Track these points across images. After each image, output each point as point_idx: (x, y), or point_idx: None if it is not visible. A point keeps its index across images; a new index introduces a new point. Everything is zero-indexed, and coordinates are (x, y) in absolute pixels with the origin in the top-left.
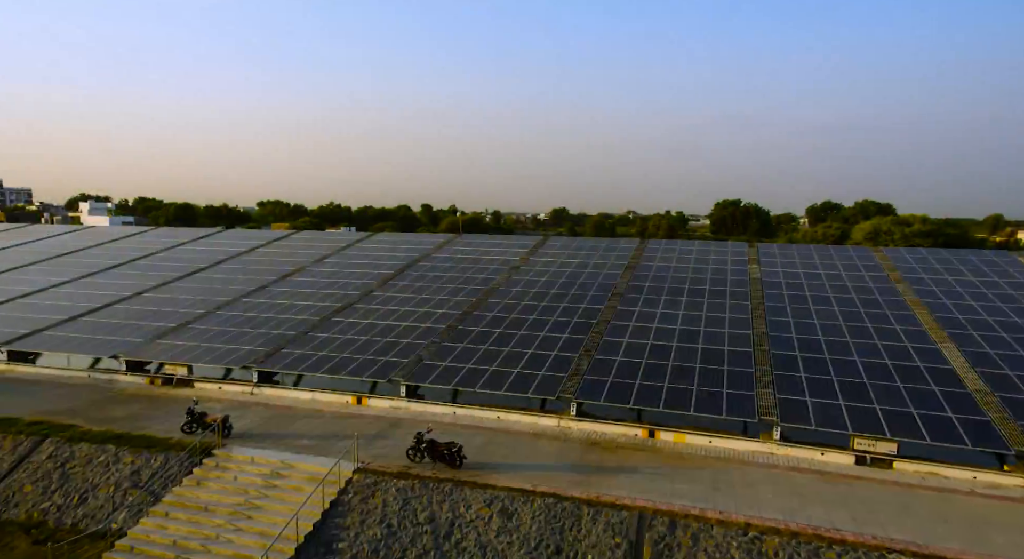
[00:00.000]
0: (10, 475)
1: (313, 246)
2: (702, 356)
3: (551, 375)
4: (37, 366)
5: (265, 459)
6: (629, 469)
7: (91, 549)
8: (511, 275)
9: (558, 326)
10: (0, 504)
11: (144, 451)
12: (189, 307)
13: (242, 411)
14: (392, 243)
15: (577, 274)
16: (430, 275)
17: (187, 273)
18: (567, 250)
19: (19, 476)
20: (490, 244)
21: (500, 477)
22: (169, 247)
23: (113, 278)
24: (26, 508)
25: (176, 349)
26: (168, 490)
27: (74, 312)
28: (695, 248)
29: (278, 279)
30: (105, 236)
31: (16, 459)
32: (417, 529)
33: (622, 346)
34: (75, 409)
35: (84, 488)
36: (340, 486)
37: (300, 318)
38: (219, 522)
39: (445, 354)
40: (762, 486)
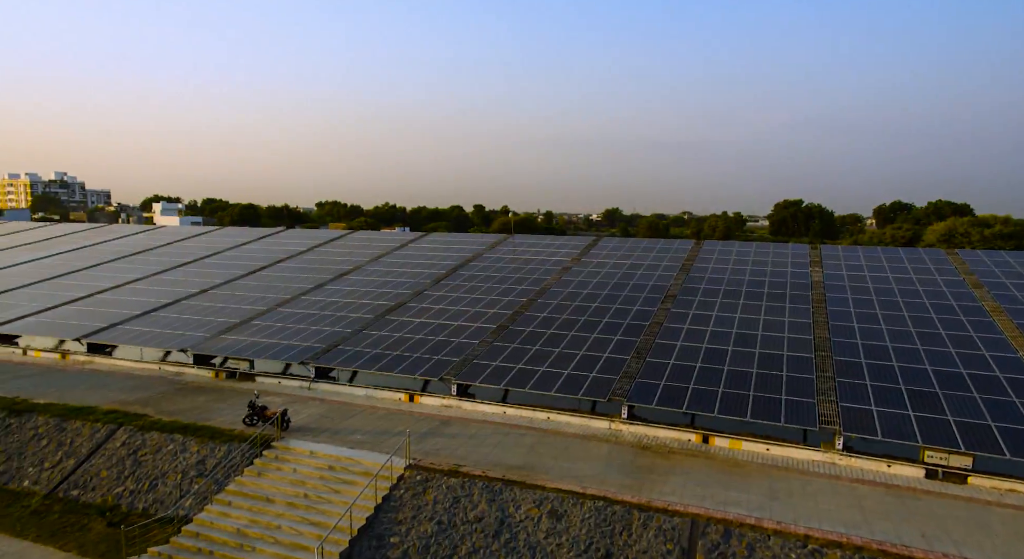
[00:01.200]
0: (88, 460)
1: (368, 246)
2: (759, 361)
3: (602, 377)
4: (113, 358)
5: (322, 453)
6: (682, 474)
7: (160, 533)
8: (562, 275)
9: (610, 328)
10: (79, 487)
11: (209, 441)
12: (251, 304)
13: (300, 405)
14: (445, 243)
15: (630, 275)
16: (482, 275)
17: (250, 271)
18: (620, 251)
19: (96, 462)
20: (542, 244)
21: (549, 478)
22: (234, 246)
23: (182, 275)
24: (101, 492)
25: (239, 344)
26: (231, 479)
27: (147, 307)
28: (753, 249)
29: (335, 278)
30: (175, 235)
31: (94, 446)
32: (467, 527)
33: (675, 349)
34: (146, 400)
35: (154, 475)
36: (392, 482)
37: (355, 316)
38: (278, 512)
39: (496, 354)
40: (823, 497)
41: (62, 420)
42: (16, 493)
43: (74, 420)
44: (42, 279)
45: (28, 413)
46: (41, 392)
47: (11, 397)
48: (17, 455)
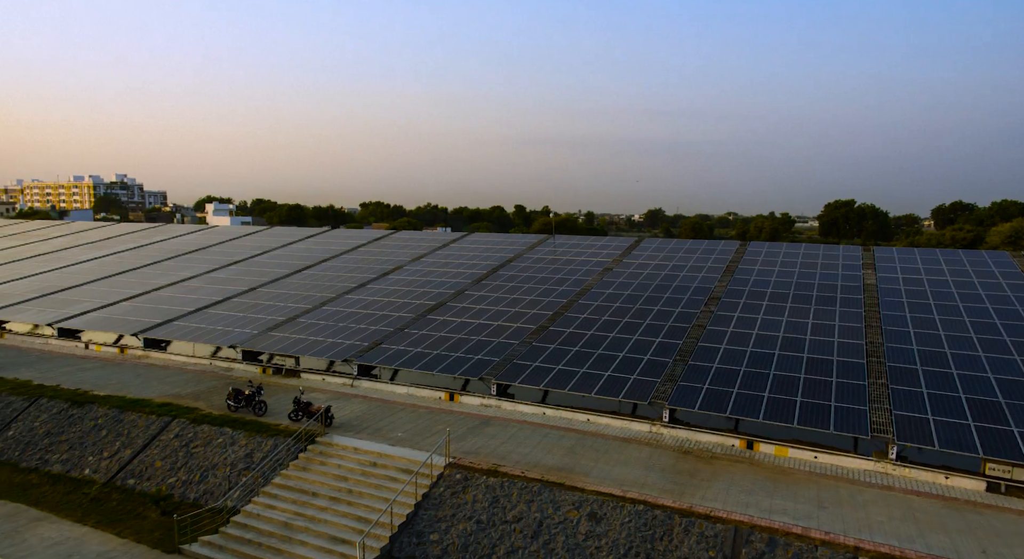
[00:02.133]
0: (144, 450)
1: (410, 246)
2: (807, 366)
3: (643, 380)
4: (167, 353)
5: (364, 449)
6: (725, 480)
7: (210, 523)
8: (603, 276)
9: (651, 330)
10: (135, 477)
11: (256, 435)
12: (297, 302)
13: (343, 402)
14: (486, 243)
15: (672, 277)
16: (522, 275)
17: (296, 270)
18: (662, 252)
19: (151, 452)
20: (583, 245)
21: (589, 480)
22: (281, 245)
23: (233, 273)
24: (156, 482)
25: (285, 341)
26: (277, 473)
27: (199, 304)
28: (801, 251)
29: (377, 277)
30: (226, 235)
31: (149, 437)
32: (506, 527)
33: (719, 352)
34: (198, 394)
35: (204, 466)
36: (432, 480)
37: (397, 315)
38: (322, 506)
39: (536, 354)
40: (874, 508)
41: (120, 412)
42: (78, 481)
43: (131, 412)
44: (103, 277)
45: (89, 404)
46: (101, 385)
47: (74, 389)
48: (79, 444)
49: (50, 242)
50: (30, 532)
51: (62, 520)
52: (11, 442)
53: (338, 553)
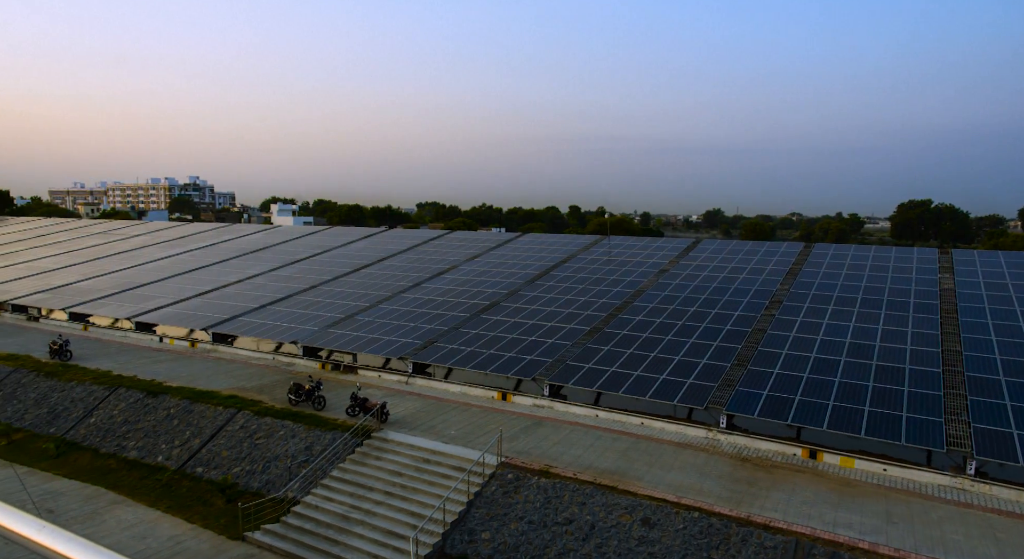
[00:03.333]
0: (212, 440)
1: (465, 245)
2: (877, 374)
3: (700, 384)
4: (234, 347)
5: (418, 446)
6: (785, 490)
7: (271, 512)
8: (659, 278)
9: (708, 333)
10: (203, 465)
11: (315, 429)
12: (355, 300)
13: (398, 399)
14: (540, 244)
15: (731, 279)
16: (576, 276)
17: (354, 269)
18: (721, 253)
19: (218, 442)
20: (638, 246)
21: (642, 485)
22: (340, 245)
23: (295, 271)
24: (222, 470)
25: (343, 338)
26: (334, 466)
27: (263, 301)
28: (871, 254)
29: (432, 276)
30: (289, 234)
31: (216, 427)
32: (557, 528)
33: (780, 358)
34: (261, 387)
35: (267, 457)
36: (484, 478)
37: (451, 314)
38: (377, 500)
39: (589, 356)
40: (949, 525)
41: (190, 403)
42: (152, 467)
43: (200, 403)
44: (176, 274)
45: (162, 395)
46: (173, 376)
47: (149, 380)
48: (153, 433)
49: (129, 241)
50: (108, 514)
51: (137, 504)
52: (93, 428)
53: (392, 547)
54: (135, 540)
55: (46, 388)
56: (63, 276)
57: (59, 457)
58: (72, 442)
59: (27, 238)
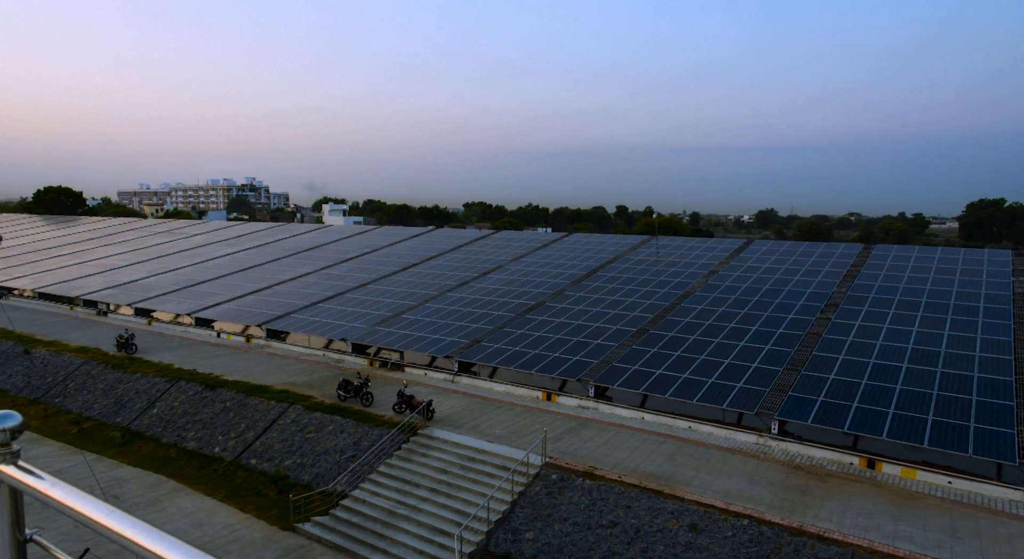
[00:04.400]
0: (265, 433)
1: (511, 245)
2: (941, 382)
3: (750, 388)
4: (286, 343)
5: (463, 444)
6: (841, 500)
7: (321, 505)
8: (708, 279)
9: (760, 336)
10: (257, 457)
11: (363, 425)
12: (403, 299)
13: (443, 397)
14: (586, 244)
15: (784, 281)
16: (623, 277)
17: (402, 268)
18: (773, 255)
19: (271, 435)
20: (687, 247)
21: (689, 490)
22: (388, 244)
23: (345, 270)
24: (274, 463)
25: (391, 336)
26: (381, 461)
27: (314, 299)
28: (937, 256)
29: (478, 276)
30: (340, 233)
31: (269, 421)
32: (602, 531)
33: (837, 363)
34: (311, 383)
35: (317, 451)
36: (529, 478)
37: (497, 314)
38: (422, 496)
39: (635, 357)
40: (1021, 543)
41: (245, 396)
42: (209, 457)
43: (254, 397)
44: (233, 271)
45: (219, 388)
46: (229, 370)
47: (207, 373)
48: (210, 424)
49: (190, 240)
50: (169, 502)
51: (195, 492)
52: (155, 419)
53: (437, 543)
54: (193, 528)
55: (113, 379)
56: (130, 273)
57: (124, 445)
58: (136, 431)
59: (98, 237)
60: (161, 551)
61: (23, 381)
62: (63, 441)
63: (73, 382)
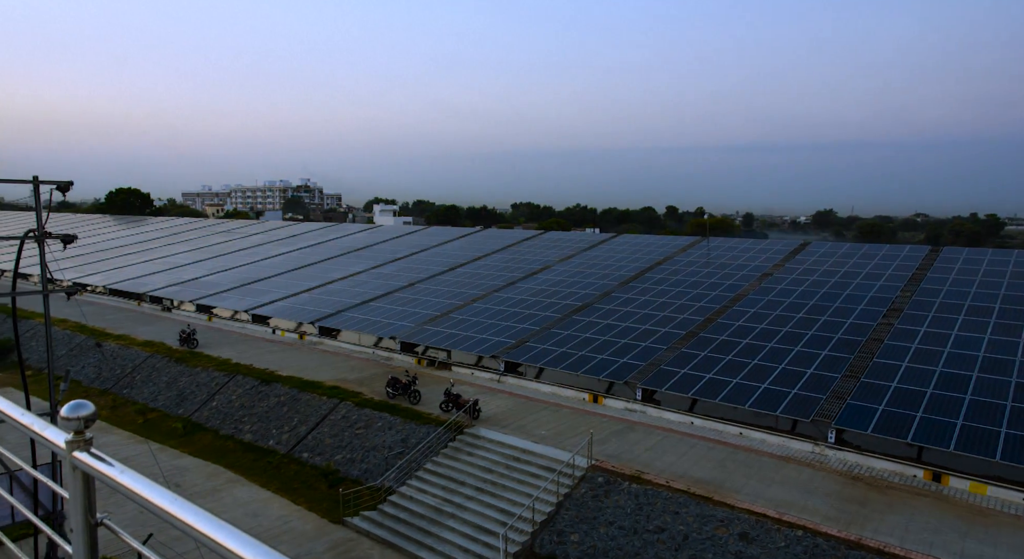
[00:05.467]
0: (316, 428)
1: (559, 246)
2: (1017, 393)
3: (805, 395)
4: (337, 341)
5: (509, 444)
6: (903, 513)
7: (369, 500)
8: (762, 282)
9: (816, 341)
10: (309, 450)
11: (411, 422)
12: (450, 298)
13: (489, 396)
14: (635, 245)
15: (843, 284)
16: (672, 279)
17: (450, 267)
18: (832, 257)
19: (322, 430)
20: (739, 248)
21: (740, 498)
22: (437, 244)
23: (394, 269)
24: (325, 457)
25: (438, 335)
26: (428, 459)
27: (365, 297)
28: (1012, 258)
29: (525, 276)
30: (390, 233)
31: (320, 416)
32: (648, 536)
33: (899, 371)
34: (361, 380)
35: (366, 447)
36: (574, 480)
37: (543, 314)
38: (468, 495)
39: (684, 361)
40: None
41: (298, 392)
42: (264, 450)
43: (307, 393)
44: (288, 270)
45: (274, 383)
46: (283, 366)
47: (263, 369)
48: (265, 418)
49: (248, 239)
50: (226, 491)
51: (251, 483)
52: (214, 411)
53: (482, 542)
54: (248, 517)
55: (176, 372)
56: (192, 271)
57: (185, 436)
58: (197, 423)
59: (163, 236)
60: (222, 539)
61: (94, 372)
62: (130, 430)
63: (140, 374)
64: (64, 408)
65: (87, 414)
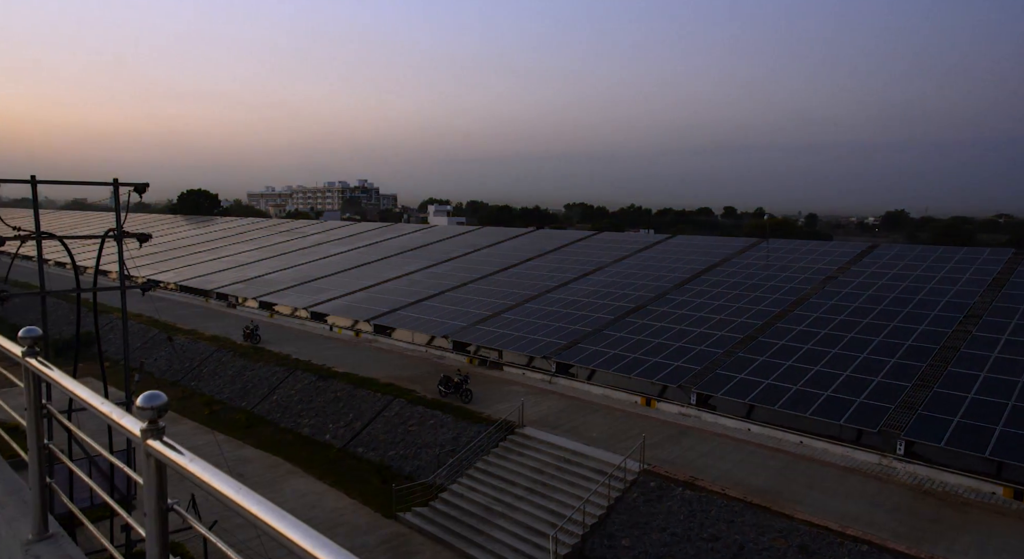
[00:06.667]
0: (371, 424)
1: (612, 247)
2: None
3: (872, 404)
4: (391, 339)
5: (559, 445)
6: (980, 533)
7: (421, 496)
8: (825, 286)
9: (884, 348)
10: (363, 445)
11: (462, 421)
12: (502, 298)
13: (540, 397)
14: (691, 246)
15: (915, 289)
16: (729, 281)
17: (502, 268)
18: (903, 260)
19: (376, 426)
20: (802, 250)
21: (800, 509)
22: (490, 244)
23: (447, 269)
24: (379, 452)
25: (490, 335)
26: (479, 458)
27: (418, 296)
28: None
29: (578, 277)
30: (444, 234)
31: (374, 412)
32: (702, 544)
33: (978, 381)
34: (414, 377)
35: (418, 444)
36: (626, 484)
37: (596, 315)
38: (518, 495)
39: (742, 366)
40: None
41: (354, 388)
42: (320, 444)
43: (362, 389)
44: (345, 269)
45: (331, 379)
46: (340, 362)
47: (320, 365)
48: (322, 412)
49: (308, 238)
50: (285, 483)
51: (308, 475)
52: (274, 405)
53: (532, 543)
54: (305, 509)
55: (240, 366)
56: (256, 269)
57: (248, 428)
58: (258, 416)
59: (229, 236)
60: (284, 529)
61: (166, 365)
62: (197, 421)
63: (207, 368)
64: (140, 398)
65: (160, 404)
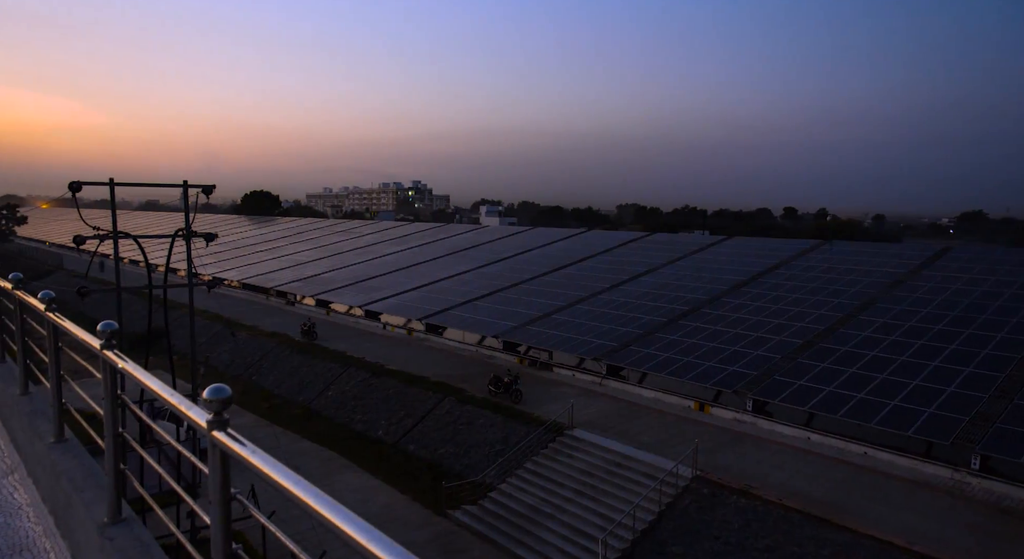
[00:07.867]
0: (422, 421)
1: (665, 248)
2: None
3: (943, 415)
4: (442, 338)
5: (609, 448)
6: None
7: (470, 495)
8: (893, 290)
9: (957, 357)
10: (414, 443)
11: (512, 421)
12: (553, 299)
13: (590, 400)
14: (747, 248)
15: (994, 295)
16: (788, 284)
17: (553, 268)
18: (979, 263)
19: (427, 423)
20: (867, 253)
21: (863, 523)
22: (541, 245)
23: (499, 270)
24: (429, 450)
25: (541, 336)
26: (528, 458)
27: (470, 296)
28: None
29: (630, 279)
30: (495, 234)
31: (425, 410)
32: (757, 555)
33: None
34: (465, 376)
35: (468, 443)
36: (677, 490)
37: (647, 318)
38: (566, 497)
39: (801, 372)
40: None
41: (405, 386)
42: (372, 440)
43: (413, 387)
44: (398, 268)
45: (384, 376)
46: (392, 360)
47: (374, 362)
48: (374, 409)
49: (363, 238)
50: (338, 476)
51: (361, 470)
52: (329, 400)
53: (580, 545)
54: (357, 504)
55: (298, 362)
56: (313, 268)
57: (305, 422)
58: (314, 410)
59: (289, 235)
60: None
61: (228, 359)
62: (257, 414)
63: (266, 362)
64: (206, 391)
65: (225, 397)
